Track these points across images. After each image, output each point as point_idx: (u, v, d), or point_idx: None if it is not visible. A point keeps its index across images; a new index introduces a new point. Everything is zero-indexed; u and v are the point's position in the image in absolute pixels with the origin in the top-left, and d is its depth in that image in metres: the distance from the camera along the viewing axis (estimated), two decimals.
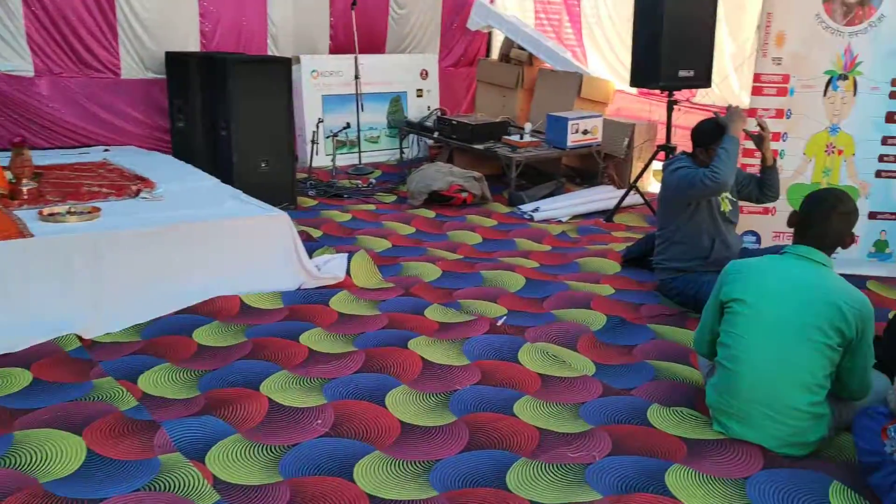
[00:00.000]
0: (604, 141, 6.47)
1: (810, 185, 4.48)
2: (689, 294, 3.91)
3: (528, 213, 5.77)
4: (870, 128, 4.37)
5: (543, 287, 4.14)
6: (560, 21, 7.88)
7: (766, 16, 4.28)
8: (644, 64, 5.25)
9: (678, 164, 3.89)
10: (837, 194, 2.57)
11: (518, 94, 7.51)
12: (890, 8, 4.20)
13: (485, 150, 6.43)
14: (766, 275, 2.54)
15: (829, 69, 4.32)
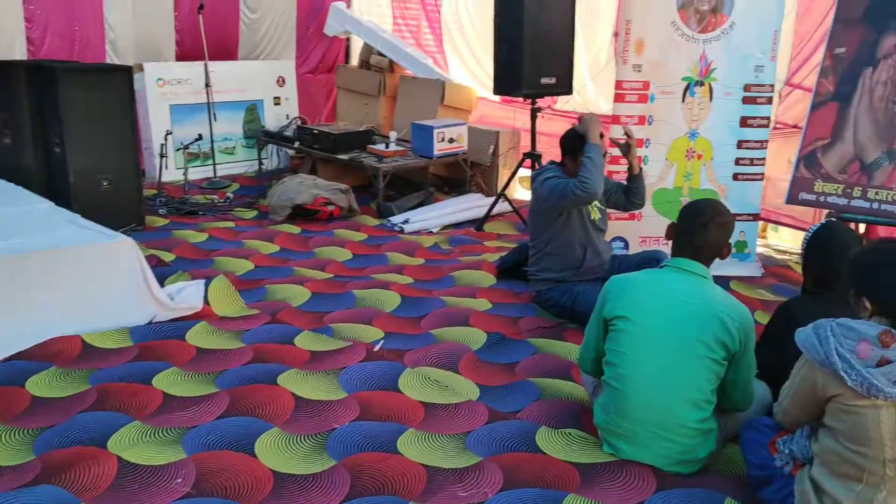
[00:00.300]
0: (469, 149, 6.40)
1: (673, 189, 4.57)
2: (565, 305, 3.86)
3: (399, 225, 5.59)
4: (726, 132, 4.52)
5: (420, 304, 3.97)
6: (419, 27, 7.76)
7: (625, 23, 4.32)
8: (506, 72, 5.20)
9: (547, 174, 3.84)
10: (714, 205, 2.56)
11: (381, 101, 7.31)
12: (740, 16, 4.35)
13: (350, 160, 6.19)
14: (648, 290, 2.48)
15: (686, 76, 4.41)
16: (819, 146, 4.36)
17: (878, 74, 4.17)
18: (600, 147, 3.68)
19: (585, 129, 3.72)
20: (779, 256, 5.14)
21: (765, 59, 4.43)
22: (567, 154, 3.88)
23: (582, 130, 3.75)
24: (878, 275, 2.01)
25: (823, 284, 2.71)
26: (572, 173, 3.80)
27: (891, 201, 4.05)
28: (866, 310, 2.04)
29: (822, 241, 2.72)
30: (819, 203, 4.34)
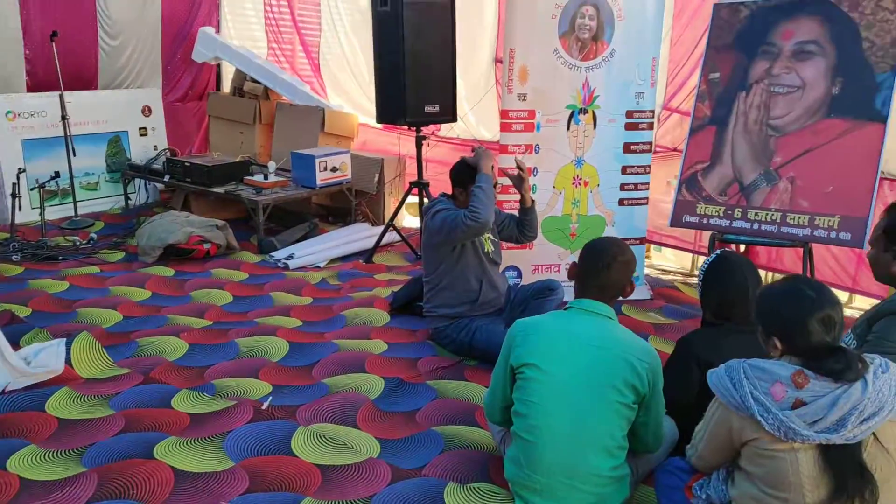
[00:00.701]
0: (354, 177, 6.21)
1: (562, 216, 4.55)
2: (462, 341, 3.73)
3: (283, 261, 5.30)
4: (611, 159, 4.54)
5: (310, 351, 3.72)
6: (293, 52, 7.51)
7: (508, 51, 4.26)
8: (390, 101, 5.06)
9: (438, 206, 3.71)
10: (615, 244, 2.48)
11: (257, 129, 6.99)
12: (620, 43, 4.39)
13: (226, 193, 5.85)
14: (554, 335, 2.37)
15: (570, 104, 4.41)
16: (699, 169, 4.45)
17: (751, 98, 4.31)
18: (491, 177, 3.60)
19: (477, 160, 3.64)
20: (665, 277, 5.23)
21: (645, 85, 4.49)
22: (457, 186, 3.77)
23: (473, 162, 3.66)
24: (786, 313, 1.97)
25: (722, 315, 2.69)
26: (463, 205, 3.70)
27: (770, 221, 4.18)
28: (776, 349, 2.00)
29: (719, 272, 2.70)
30: (702, 225, 4.42)
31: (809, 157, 4.13)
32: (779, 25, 4.27)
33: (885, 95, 3.90)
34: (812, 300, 1.94)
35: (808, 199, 4.08)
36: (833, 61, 4.07)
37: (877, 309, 2.51)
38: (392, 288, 4.65)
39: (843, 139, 4.02)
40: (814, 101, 4.13)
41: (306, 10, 7.35)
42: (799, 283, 2.01)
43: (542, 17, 4.24)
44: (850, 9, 4.04)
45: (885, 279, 2.62)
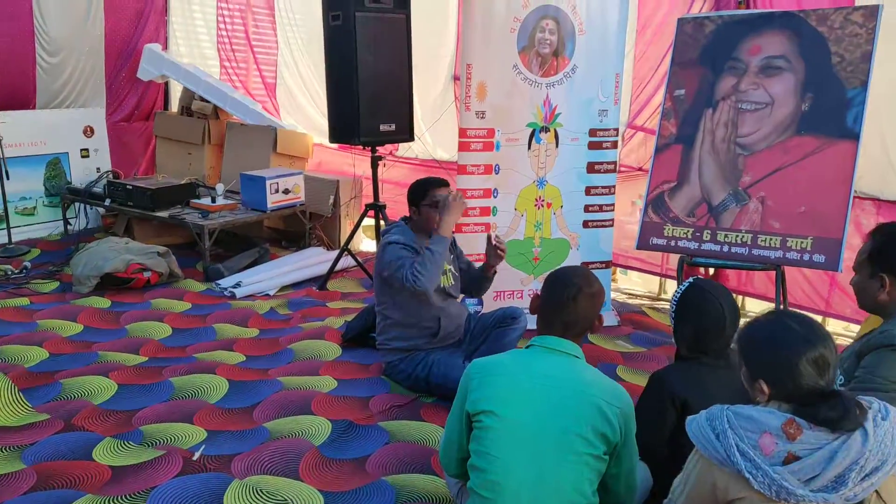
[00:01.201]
0: (308, 199, 5.93)
1: (524, 240, 4.32)
2: (418, 377, 3.46)
3: (229, 290, 4.98)
4: (574, 179, 4.33)
5: (252, 390, 3.42)
6: (248, 70, 7.23)
7: (465, 67, 4.03)
8: (343, 120, 4.80)
9: (391, 236, 3.44)
10: (581, 274, 2.24)
11: (206, 150, 6.67)
12: (582, 59, 4.19)
13: (170, 217, 5.52)
14: (515, 377, 2.11)
15: (531, 122, 4.19)
16: (666, 189, 4.25)
17: (718, 115, 4.13)
18: (447, 241, 3.36)
19: (445, 211, 3.36)
20: (632, 301, 5.02)
21: (608, 102, 4.30)
22: (412, 205, 3.52)
23: (441, 209, 3.39)
24: (772, 354, 1.74)
25: (698, 349, 2.46)
26: (418, 225, 3.48)
27: (740, 243, 3.99)
28: (763, 394, 1.77)
29: (692, 303, 2.47)
30: (670, 248, 4.22)
31: (780, 175, 3.96)
32: (745, 40, 4.11)
33: (856, 111, 3.74)
34: (801, 338, 1.71)
35: (780, 220, 3.90)
36: (802, 77, 3.92)
37: (866, 340, 2.30)
38: (345, 317, 4.37)
39: (814, 157, 3.85)
40: (783, 118, 3.96)
41: (261, 26, 7.10)
42: (785, 318, 1.78)
43: (500, 31, 4.03)
44: (819, 23, 3.89)
45: (871, 308, 2.41)
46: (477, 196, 4.15)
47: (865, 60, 3.74)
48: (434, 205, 3.41)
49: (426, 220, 3.45)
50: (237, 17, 7.09)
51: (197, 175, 6.55)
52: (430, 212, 3.42)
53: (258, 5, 7.02)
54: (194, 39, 7.32)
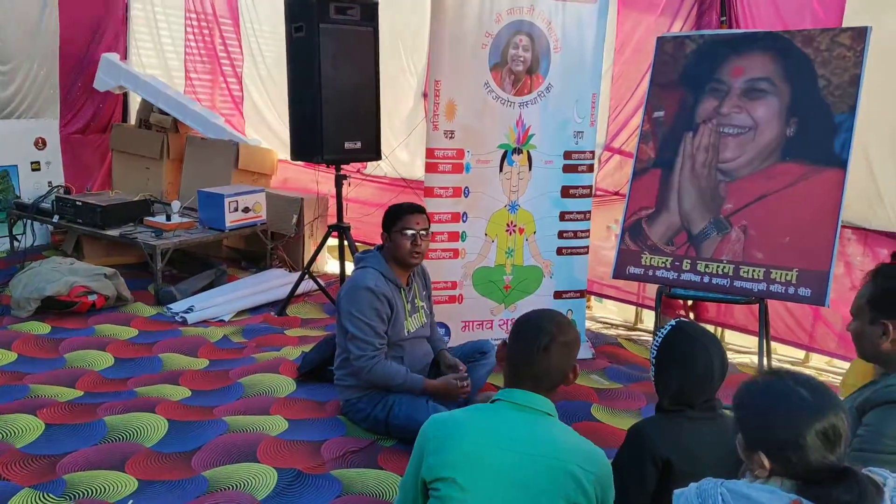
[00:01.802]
0: (270, 218, 5.64)
1: (495, 267, 4.07)
2: (378, 418, 3.19)
3: (180, 315, 4.67)
4: (548, 203, 4.10)
5: (194, 432, 3.12)
6: (214, 83, 6.94)
7: (434, 84, 3.79)
8: (305, 136, 4.54)
9: (367, 275, 3.18)
10: (555, 320, 1.98)
11: (165, 165, 6.37)
12: (557, 77, 3.98)
13: (121, 236, 5.20)
14: (477, 439, 1.84)
15: (502, 142, 3.96)
16: (644, 216, 4.03)
17: (698, 139, 3.93)
18: (423, 391, 3.15)
19: (442, 386, 3.18)
20: (608, 332, 4.79)
21: (584, 124, 4.08)
22: (384, 230, 3.27)
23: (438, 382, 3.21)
24: (775, 424, 1.50)
25: (682, 401, 2.21)
26: (388, 252, 3.23)
27: (722, 274, 3.77)
28: (763, 469, 1.52)
29: (677, 350, 2.22)
30: (648, 277, 3.99)
31: (763, 203, 3.75)
32: (728, 61, 3.91)
33: (844, 138, 3.55)
34: (809, 406, 1.48)
35: (763, 251, 3.69)
36: (787, 100, 3.72)
37: (866, 396, 2.07)
38: (303, 347, 4.08)
39: (799, 185, 3.65)
40: (767, 144, 3.76)
41: (228, 39, 6.81)
42: (789, 380, 1.53)
43: (471, 46, 3.80)
44: (804, 44, 3.71)
45: (871, 357, 2.19)
46: (445, 220, 3.90)
47: (853, 84, 3.56)
48: (405, 231, 3.17)
49: (396, 247, 3.20)
50: (205, 29, 6.81)
51: (155, 191, 6.24)
52: (402, 239, 3.17)
53: (224, 16, 6.74)
54: (158, 50, 7.02)
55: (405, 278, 3.28)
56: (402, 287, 3.25)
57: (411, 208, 3.27)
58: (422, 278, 3.42)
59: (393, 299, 3.17)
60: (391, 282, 3.19)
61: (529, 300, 4.14)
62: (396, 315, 3.20)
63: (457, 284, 4.00)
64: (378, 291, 3.11)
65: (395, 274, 3.21)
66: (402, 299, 3.24)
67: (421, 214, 3.25)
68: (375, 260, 3.22)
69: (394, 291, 3.20)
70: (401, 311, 3.23)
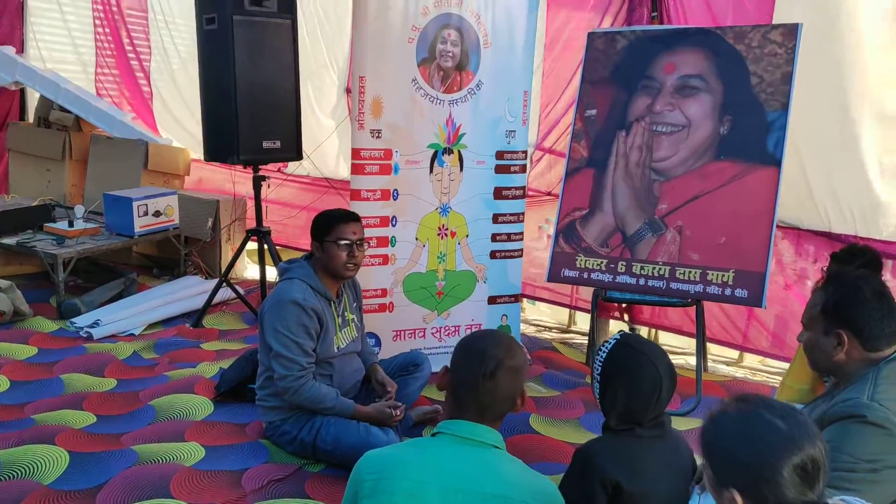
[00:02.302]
0: (183, 222, 5.29)
1: (426, 273, 3.88)
2: (304, 441, 2.95)
3: (85, 330, 4.31)
4: (480, 206, 3.94)
5: (100, 465, 2.81)
6: (123, 78, 6.50)
7: (358, 80, 3.57)
8: (219, 135, 4.25)
9: (294, 288, 2.91)
10: (501, 343, 1.79)
11: (67, 167, 5.91)
12: (487, 74, 3.81)
13: (17, 245, 4.77)
14: (417, 478, 1.65)
15: (432, 142, 3.77)
16: (577, 217, 3.92)
17: (631, 138, 3.84)
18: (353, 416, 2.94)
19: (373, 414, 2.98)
20: (542, 336, 4.67)
21: (516, 122, 3.93)
22: (314, 239, 3.02)
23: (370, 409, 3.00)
24: (748, 458, 1.36)
25: (630, 420, 2.07)
26: (319, 262, 2.99)
27: (658, 276, 3.69)
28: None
29: (622, 366, 2.07)
30: (583, 280, 3.88)
31: (698, 203, 3.68)
32: (660, 58, 3.84)
33: (777, 136, 3.51)
34: (785, 437, 1.34)
35: (699, 252, 3.62)
36: (720, 98, 3.67)
37: (822, 410, 1.98)
38: (222, 363, 3.80)
39: (734, 184, 3.60)
40: (701, 142, 3.70)
41: (134, 32, 6.37)
42: (761, 410, 1.40)
43: (396, 41, 3.59)
44: (736, 41, 3.66)
45: (825, 368, 2.11)
46: (373, 225, 3.68)
47: (786, 82, 3.52)
48: (339, 242, 2.94)
49: (330, 259, 2.96)
50: (112, 22, 6.35)
51: (56, 194, 5.79)
52: (336, 251, 2.94)
53: (132, 8, 6.31)
54: (67, 44, 6.54)
55: (335, 290, 3.06)
56: (332, 300, 3.02)
57: (346, 216, 3.04)
58: (352, 289, 3.20)
59: (322, 314, 2.94)
60: (320, 294, 2.95)
61: (463, 306, 3.97)
62: (326, 331, 2.97)
63: (387, 292, 3.79)
64: (306, 306, 2.87)
65: (324, 286, 2.98)
66: (332, 312, 3.01)
67: (357, 223, 3.03)
68: (302, 270, 2.97)
69: (324, 305, 2.96)
70: (331, 325, 3.00)
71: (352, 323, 3.12)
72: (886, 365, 1.96)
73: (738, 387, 3.88)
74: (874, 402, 1.87)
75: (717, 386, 3.86)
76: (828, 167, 3.80)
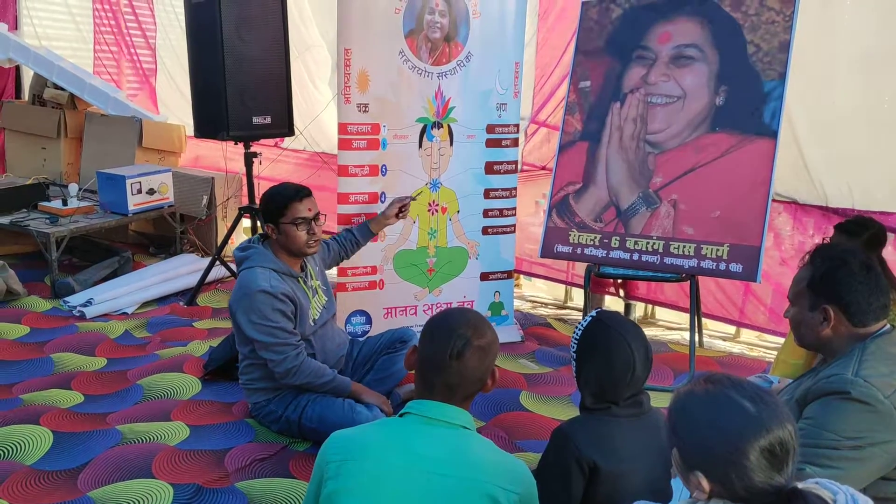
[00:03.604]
0: (178, 199, 5.26)
1: (417, 250, 3.83)
2: (290, 419, 2.92)
3: (78, 309, 4.29)
4: (471, 181, 3.87)
5: (83, 444, 2.80)
6: (121, 54, 6.43)
7: (343, 53, 3.49)
8: (208, 112, 4.19)
9: (258, 277, 2.80)
10: (470, 321, 1.73)
11: (63, 145, 5.87)
12: (477, 46, 3.72)
13: (11, 224, 4.75)
14: (384, 463, 1.61)
15: (421, 116, 3.70)
16: (571, 191, 3.86)
17: (626, 110, 3.75)
18: (349, 391, 2.93)
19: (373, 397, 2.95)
20: (537, 312, 4.62)
21: (507, 95, 3.85)
22: (268, 222, 2.92)
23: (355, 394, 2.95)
24: (714, 441, 1.31)
25: (605, 399, 2.03)
26: (277, 244, 2.91)
27: (652, 251, 3.62)
28: (702, 491, 1.34)
29: (596, 343, 2.02)
30: (576, 256, 3.83)
31: (693, 176, 3.61)
32: (655, 27, 3.74)
33: (774, 107, 3.42)
34: (754, 420, 1.29)
35: (694, 226, 3.55)
36: (716, 68, 3.57)
37: (807, 387, 1.92)
38: (212, 341, 3.78)
39: (729, 156, 3.52)
40: (696, 113, 3.61)
41: (140, 7, 6.29)
42: (731, 391, 1.34)
43: (383, 11, 3.51)
44: (733, 8, 3.56)
45: (812, 345, 2.05)
46: (362, 201, 3.63)
47: (783, 51, 3.42)
48: (297, 222, 2.87)
49: (290, 240, 2.88)
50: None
51: (53, 173, 5.78)
52: (295, 231, 2.86)
53: None
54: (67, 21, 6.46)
55: (299, 265, 2.99)
56: (298, 275, 2.95)
57: (298, 192, 2.91)
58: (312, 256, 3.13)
59: (294, 294, 2.85)
60: (285, 274, 2.88)
61: (455, 283, 3.92)
62: (301, 310, 2.91)
63: (377, 269, 3.75)
64: (276, 292, 2.77)
65: (286, 265, 2.90)
66: (302, 288, 2.95)
67: (310, 197, 2.93)
68: (260, 256, 2.86)
69: (293, 285, 2.89)
70: (305, 303, 2.94)
71: (319, 289, 3.05)
72: (873, 341, 1.91)
73: (733, 362, 3.82)
74: (858, 378, 1.82)
75: (712, 362, 3.81)
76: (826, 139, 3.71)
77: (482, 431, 3.04)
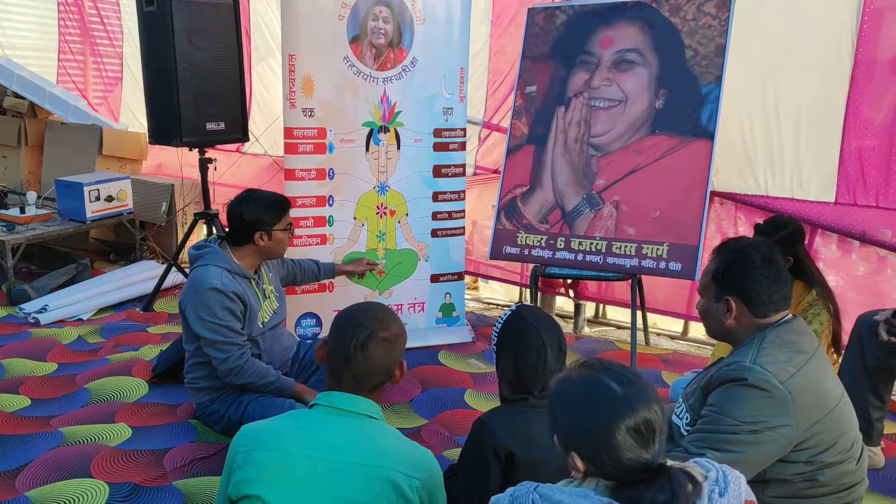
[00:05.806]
0: (138, 206, 5.30)
1: (366, 252, 3.88)
2: (232, 419, 2.95)
3: (33, 316, 4.30)
4: (419, 184, 3.93)
5: (24, 447, 2.82)
6: (85, 63, 6.44)
7: (287, 58, 3.55)
8: (161, 118, 4.21)
9: (210, 275, 2.83)
10: (375, 314, 1.79)
11: (23, 153, 5.89)
12: (421, 51, 3.79)
13: None
14: (288, 451, 1.66)
15: (367, 121, 3.75)
16: (518, 194, 3.92)
17: (570, 114, 3.83)
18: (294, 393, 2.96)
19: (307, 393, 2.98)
20: (490, 313, 4.68)
21: (453, 99, 3.92)
22: (261, 230, 2.94)
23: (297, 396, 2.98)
24: (584, 421, 1.37)
25: (521, 389, 2.09)
26: (261, 250, 2.97)
27: (595, 251, 3.70)
28: (578, 470, 1.40)
29: (512, 335, 2.10)
30: (524, 257, 3.89)
31: (634, 178, 3.69)
32: (597, 32, 3.83)
33: (710, 109, 3.51)
34: (620, 401, 1.35)
35: (634, 226, 3.63)
36: (656, 72, 3.66)
37: (710, 376, 2.00)
38: (164, 345, 3.80)
39: (668, 158, 3.60)
40: (637, 117, 3.70)
41: (108, 17, 6.30)
42: (601, 374, 1.40)
43: (327, 18, 3.57)
44: (672, 13, 3.65)
45: (719, 335, 2.12)
46: (309, 205, 3.68)
47: (719, 54, 3.52)
48: (289, 228, 2.99)
49: (278, 244, 2.96)
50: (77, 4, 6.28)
51: (13, 181, 5.78)
52: (285, 236, 2.97)
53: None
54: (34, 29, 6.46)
55: (255, 268, 3.04)
56: (252, 277, 3.01)
57: (287, 200, 3.03)
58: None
59: (245, 295, 2.90)
60: (238, 275, 2.94)
61: (405, 285, 3.98)
62: (251, 310, 2.96)
63: None
64: (227, 290, 2.81)
65: (241, 266, 2.95)
66: (253, 290, 3.00)
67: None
68: (215, 255, 2.91)
69: (245, 286, 2.94)
70: (255, 304, 2.98)
71: (271, 294, 3.10)
72: (773, 329, 1.98)
73: (678, 359, 3.90)
74: (756, 365, 1.89)
75: (655, 359, 3.88)
76: (764, 133, 3.81)
77: (425, 429, 3.10)
